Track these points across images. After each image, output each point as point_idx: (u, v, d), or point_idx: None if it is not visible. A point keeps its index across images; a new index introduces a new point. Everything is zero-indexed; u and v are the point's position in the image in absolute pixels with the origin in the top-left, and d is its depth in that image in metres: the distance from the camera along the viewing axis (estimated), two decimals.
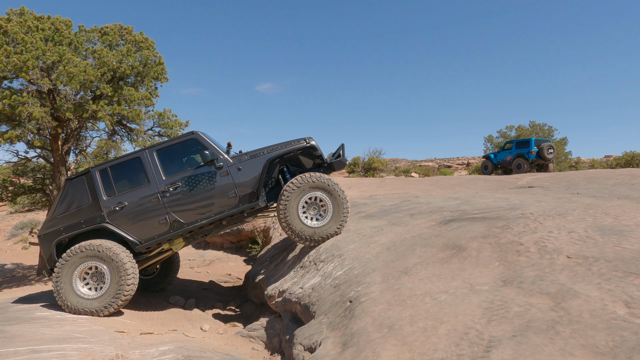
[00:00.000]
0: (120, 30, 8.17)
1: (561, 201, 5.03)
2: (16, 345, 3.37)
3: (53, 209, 5.03)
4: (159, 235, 5.03)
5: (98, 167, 5.10)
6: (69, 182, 5.08)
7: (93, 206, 4.96)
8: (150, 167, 5.05)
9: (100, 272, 4.78)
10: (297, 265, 5.33)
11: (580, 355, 1.93)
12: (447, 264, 3.44)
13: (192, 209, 5.01)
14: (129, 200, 4.97)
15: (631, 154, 24.51)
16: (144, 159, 5.08)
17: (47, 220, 5.01)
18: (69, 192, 5.03)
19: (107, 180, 5.05)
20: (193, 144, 5.19)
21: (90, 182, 5.02)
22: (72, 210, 4.97)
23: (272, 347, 4.54)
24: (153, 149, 5.13)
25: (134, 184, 5.06)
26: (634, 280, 2.43)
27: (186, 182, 5.02)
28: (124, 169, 5.13)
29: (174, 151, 5.23)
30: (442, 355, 2.24)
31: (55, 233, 4.92)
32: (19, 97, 6.63)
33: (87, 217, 4.94)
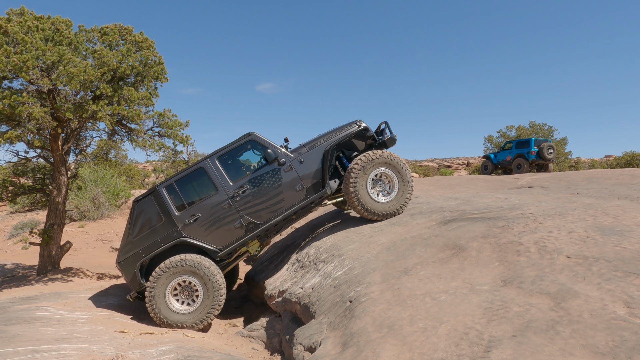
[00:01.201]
0: (120, 30, 8.16)
1: (561, 201, 5.03)
2: (16, 345, 3.37)
3: (127, 234, 5.05)
4: (236, 239, 5.10)
5: (163, 184, 5.12)
6: (136, 204, 5.09)
7: (167, 223, 4.99)
8: (216, 175, 5.09)
9: (189, 285, 4.87)
10: (297, 265, 5.33)
11: (580, 355, 1.93)
12: (447, 264, 3.44)
13: (264, 208, 5.09)
14: (201, 211, 5.02)
15: (631, 154, 24.51)
16: (208, 168, 5.11)
17: (123, 245, 5.02)
18: (139, 214, 5.06)
19: (175, 195, 5.09)
20: (251, 144, 5.27)
21: (159, 200, 5.05)
22: (146, 232, 5.00)
23: (272, 347, 4.54)
24: (214, 157, 5.16)
25: (203, 194, 5.12)
26: (634, 280, 2.43)
27: (253, 184, 5.09)
28: (189, 181, 5.18)
29: (233, 155, 5.31)
30: (442, 355, 2.24)
31: (136, 256, 4.95)
32: (19, 97, 6.62)
33: (164, 235, 4.97)
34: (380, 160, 5.18)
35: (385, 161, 5.22)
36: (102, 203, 14.62)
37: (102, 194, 14.65)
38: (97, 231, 14.47)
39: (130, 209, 5.18)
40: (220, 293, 4.90)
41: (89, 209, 14.31)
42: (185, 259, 4.81)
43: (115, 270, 9.92)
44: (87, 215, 14.43)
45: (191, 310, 4.81)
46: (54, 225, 8.52)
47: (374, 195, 5.21)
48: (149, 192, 5.14)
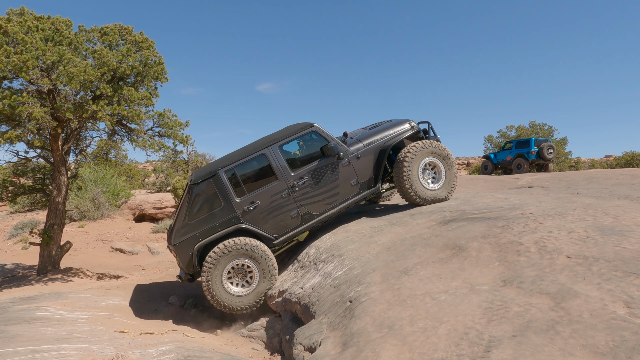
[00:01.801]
0: (120, 30, 8.16)
1: (561, 201, 5.03)
2: (16, 345, 3.37)
3: (182, 215, 4.96)
4: (292, 229, 5.17)
5: (223, 168, 5.02)
6: (194, 187, 4.97)
7: (226, 209, 4.95)
8: (277, 163, 5.09)
9: (242, 268, 4.92)
10: (297, 265, 5.33)
11: (580, 355, 1.93)
12: (447, 264, 3.44)
13: (320, 200, 5.17)
14: (260, 198, 5.01)
15: (631, 154, 24.52)
16: (270, 155, 5.08)
17: (179, 227, 4.95)
18: (197, 197, 4.97)
19: (235, 180, 5.05)
20: (311, 135, 5.32)
21: (219, 185, 4.96)
22: (204, 215, 4.95)
23: (272, 347, 4.54)
24: (276, 144, 5.13)
25: (263, 182, 5.09)
26: (634, 280, 2.43)
27: (312, 175, 5.14)
28: (250, 166, 5.17)
29: (294, 144, 5.40)
30: (442, 355, 2.24)
31: (193, 239, 4.90)
32: (19, 97, 6.62)
33: (222, 220, 4.94)
34: (429, 150, 5.39)
35: (433, 150, 5.43)
36: (102, 203, 14.62)
37: (102, 194, 14.65)
38: (97, 231, 14.47)
39: (186, 190, 5.09)
40: (275, 275, 4.99)
41: (89, 209, 14.32)
42: (240, 242, 4.84)
43: (115, 271, 9.92)
44: (87, 215, 14.44)
45: (247, 292, 4.90)
46: (54, 225, 8.52)
47: (424, 182, 5.40)
48: (208, 175, 4.99)
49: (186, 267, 4.98)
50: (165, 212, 16.21)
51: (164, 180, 20.56)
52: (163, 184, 19.91)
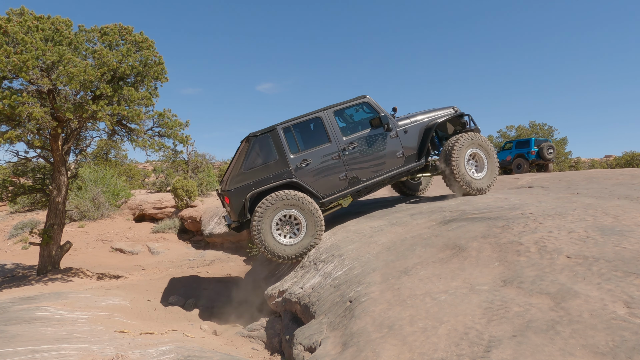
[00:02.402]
0: (120, 30, 8.16)
1: (561, 201, 5.03)
2: (16, 345, 3.37)
3: (238, 165, 5.21)
4: (339, 190, 5.41)
5: (282, 124, 5.28)
6: (254, 139, 5.23)
7: (280, 163, 5.20)
8: (331, 127, 5.38)
9: (289, 219, 5.10)
10: (297, 265, 5.33)
11: (580, 355, 1.93)
12: (447, 264, 3.44)
13: (367, 167, 5.44)
14: (312, 157, 5.28)
15: (631, 154, 24.51)
16: (324, 118, 5.38)
17: (235, 175, 5.18)
18: (254, 148, 5.22)
19: (291, 138, 5.30)
20: (363, 106, 5.63)
21: (277, 140, 5.22)
22: (259, 167, 5.18)
23: (272, 347, 4.54)
24: (331, 110, 5.43)
25: (316, 143, 5.36)
26: (634, 280, 2.43)
27: (362, 142, 5.44)
28: (305, 127, 5.44)
29: (346, 112, 5.68)
30: (442, 355, 2.24)
31: (246, 188, 5.11)
32: (19, 97, 6.62)
33: (275, 172, 5.17)
34: (475, 141, 5.70)
35: (478, 142, 5.74)
36: (102, 203, 14.62)
37: (102, 194, 14.65)
38: (97, 231, 14.47)
39: (245, 142, 5.32)
40: (321, 228, 5.15)
41: (89, 209, 14.31)
42: (290, 193, 5.02)
43: (115, 271, 9.92)
44: (87, 215, 14.44)
45: (295, 242, 5.08)
46: (54, 225, 8.52)
47: (470, 172, 5.68)
48: (268, 129, 5.25)
49: (237, 214, 5.13)
50: (165, 212, 16.21)
51: (164, 180, 20.55)
52: (163, 184, 19.90)
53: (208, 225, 13.02)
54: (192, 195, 15.32)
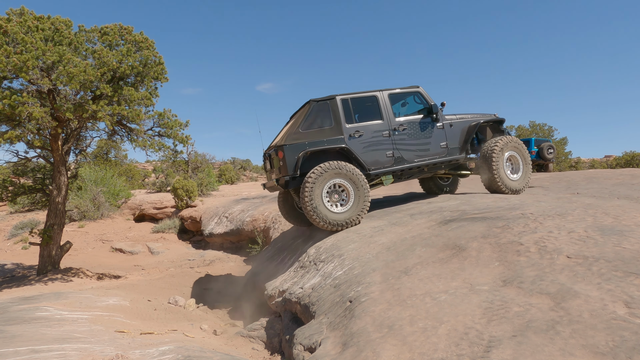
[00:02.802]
0: (120, 30, 8.16)
1: (561, 201, 5.03)
2: (16, 345, 3.37)
3: (296, 125, 5.48)
4: (384, 166, 5.73)
5: (341, 95, 5.63)
6: (315, 103, 5.57)
7: (335, 130, 5.50)
8: (385, 107, 5.77)
9: (337, 189, 5.32)
10: (297, 265, 5.33)
11: (580, 355, 1.93)
12: (447, 264, 3.44)
13: (413, 150, 5.82)
14: (365, 130, 5.60)
15: (631, 154, 24.51)
16: (379, 98, 5.79)
17: (292, 133, 5.42)
18: (313, 112, 5.55)
19: (348, 109, 5.63)
20: (415, 95, 6.06)
21: (335, 108, 5.57)
22: (315, 129, 5.48)
23: (272, 347, 4.54)
24: (386, 92, 5.85)
25: (369, 118, 5.71)
26: (634, 280, 2.43)
27: (411, 126, 5.84)
28: (362, 102, 5.76)
29: (399, 97, 6.06)
30: (442, 355, 2.24)
31: (301, 146, 5.34)
32: (19, 97, 6.62)
33: (329, 137, 5.46)
34: (513, 145, 6.13)
35: (516, 146, 6.17)
36: (102, 203, 14.62)
37: (102, 194, 14.65)
38: (97, 231, 14.48)
39: (306, 106, 5.70)
40: (368, 199, 5.39)
41: (89, 209, 14.32)
42: (341, 164, 5.26)
43: (115, 271, 9.92)
44: (87, 215, 14.44)
45: (344, 211, 5.30)
46: (54, 225, 8.52)
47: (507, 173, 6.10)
48: (328, 98, 5.60)
49: (289, 168, 5.33)
50: (165, 212, 16.21)
51: (164, 180, 20.55)
52: (163, 184, 19.90)
53: (208, 225, 13.02)
54: (192, 195, 15.33)
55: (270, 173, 5.95)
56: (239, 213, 12.01)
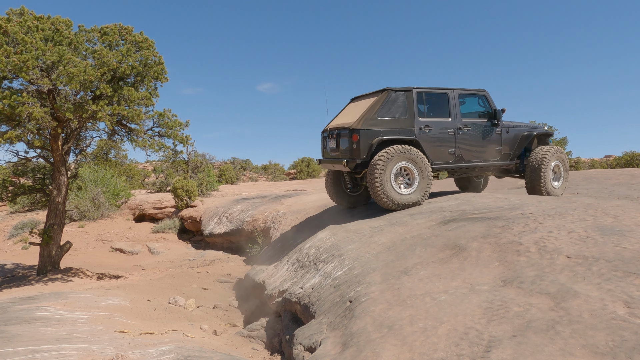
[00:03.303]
0: (120, 31, 8.16)
1: (561, 201, 5.03)
2: (16, 345, 3.37)
3: (373, 110, 5.67)
4: (444, 162, 6.05)
5: (417, 88, 5.89)
6: (392, 93, 5.79)
7: (408, 121, 5.78)
8: (454, 106, 6.05)
9: (402, 172, 5.63)
10: (297, 265, 5.33)
11: (580, 355, 1.93)
12: (447, 264, 3.44)
13: (471, 150, 6.16)
14: (433, 125, 5.91)
15: (631, 154, 24.49)
16: (450, 97, 6.04)
17: (368, 118, 5.64)
18: (390, 101, 5.77)
19: (421, 102, 5.94)
20: (480, 98, 6.35)
21: (410, 100, 5.81)
22: (390, 118, 5.72)
23: (272, 347, 4.54)
24: (457, 91, 6.10)
25: (438, 114, 6.01)
26: (634, 280, 2.43)
27: (474, 127, 6.17)
28: (433, 97, 6.04)
29: (466, 98, 6.31)
30: (442, 355, 2.24)
31: (375, 133, 5.61)
32: (19, 97, 6.61)
33: (402, 128, 5.75)
34: (559, 155, 6.53)
35: (561, 156, 6.57)
36: (102, 203, 14.62)
37: (102, 194, 14.65)
38: (97, 231, 14.47)
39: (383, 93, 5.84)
40: (430, 184, 5.73)
41: (89, 209, 14.31)
42: (410, 148, 5.57)
43: (115, 271, 9.92)
44: (87, 215, 14.43)
45: (408, 193, 5.62)
46: (54, 225, 8.52)
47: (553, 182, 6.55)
48: (405, 89, 5.83)
49: (362, 152, 5.56)
50: (165, 212, 16.20)
51: (164, 180, 20.54)
52: (163, 184, 19.89)
53: (208, 225, 13.02)
54: (192, 195, 15.32)
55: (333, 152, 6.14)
56: (239, 213, 12.01)
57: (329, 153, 6.29)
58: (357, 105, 6.21)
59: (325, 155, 6.44)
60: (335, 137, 6.00)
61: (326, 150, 6.39)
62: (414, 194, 5.63)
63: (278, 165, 35.06)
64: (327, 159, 6.25)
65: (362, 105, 6.00)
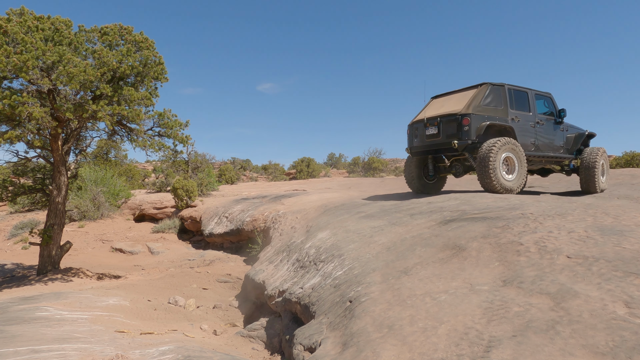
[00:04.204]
0: (120, 31, 8.16)
1: (561, 201, 5.03)
2: (16, 345, 3.37)
3: (479, 99, 6.57)
4: (527, 150, 6.94)
5: (508, 85, 6.96)
6: (491, 86, 6.77)
7: (504, 111, 6.77)
8: (532, 102, 7.17)
9: (505, 161, 6.39)
10: (297, 265, 5.33)
11: (580, 355, 1.93)
12: (447, 264, 3.44)
13: (544, 142, 7.23)
14: (521, 117, 6.94)
15: (631, 154, 24.48)
16: (530, 95, 7.15)
17: (475, 105, 6.53)
18: (490, 93, 6.71)
19: (511, 97, 6.92)
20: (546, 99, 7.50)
21: (504, 93, 6.84)
22: (491, 107, 6.66)
23: (272, 347, 4.54)
24: (532, 91, 7.25)
25: (522, 109, 7.06)
26: (634, 280, 2.43)
27: (546, 123, 7.28)
28: (518, 94, 7.07)
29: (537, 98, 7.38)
30: (442, 355, 2.24)
31: (482, 118, 6.50)
32: (19, 97, 6.61)
33: (500, 117, 6.69)
34: (604, 155, 7.60)
35: (605, 156, 7.62)
36: (102, 203, 14.61)
37: (102, 194, 14.64)
38: (97, 231, 14.48)
39: (483, 86, 6.77)
40: (526, 173, 6.55)
41: (89, 209, 14.31)
42: (513, 141, 6.46)
43: (115, 271, 9.92)
44: (87, 215, 14.43)
45: (511, 179, 6.41)
46: (54, 225, 8.53)
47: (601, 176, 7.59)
48: (500, 84, 6.86)
49: (472, 134, 6.39)
50: (165, 212, 16.20)
51: (164, 180, 20.53)
52: (163, 184, 19.89)
53: (208, 225, 13.02)
54: (192, 195, 15.33)
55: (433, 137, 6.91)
56: (239, 213, 12.01)
57: (424, 140, 7.05)
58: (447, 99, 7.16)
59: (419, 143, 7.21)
60: (437, 124, 6.80)
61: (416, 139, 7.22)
62: (514, 181, 6.43)
63: (278, 165, 35.10)
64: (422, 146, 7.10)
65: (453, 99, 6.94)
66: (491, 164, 6.11)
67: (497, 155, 6.15)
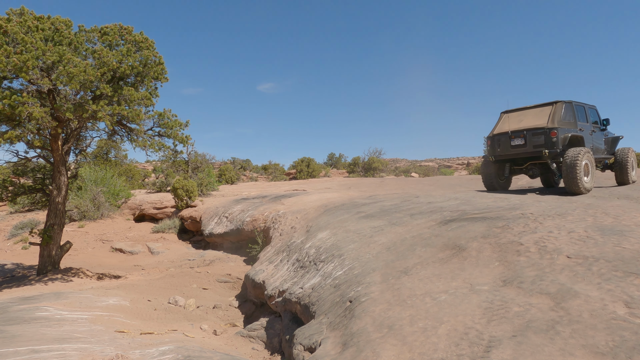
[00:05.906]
0: (120, 30, 8.16)
1: (561, 201, 5.03)
2: (16, 345, 3.37)
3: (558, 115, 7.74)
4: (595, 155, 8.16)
5: (574, 102, 8.18)
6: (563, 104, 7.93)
7: (573, 124, 7.98)
8: (588, 114, 8.51)
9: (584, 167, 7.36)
10: (297, 265, 5.33)
11: (580, 355, 1.93)
12: (447, 264, 3.44)
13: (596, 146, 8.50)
14: (583, 127, 8.15)
15: None
16: (585, 108, 8.51)
17: (557, 120, 7.68)
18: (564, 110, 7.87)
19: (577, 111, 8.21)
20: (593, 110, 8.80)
21: (571, 109, 8.08)
22: (566, 120, 7.86)
23: (272, 347, 4.54)
24: (587, 106, 8.56)
25: (583, 120, 8.30)
26: (634, 280, 2.43)
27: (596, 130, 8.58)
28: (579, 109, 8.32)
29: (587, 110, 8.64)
30: (442, 355, 2.24)
31: (564, 131, 7.66)
32: (19, 97, 6.62)
33: (573, 128, 7.89)
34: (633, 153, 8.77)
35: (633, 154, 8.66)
36: (102, 203, 14.62)
37: (102, 194, 14.65)
38: (97, 231, 14.48)
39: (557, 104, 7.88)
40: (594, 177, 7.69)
41: (89, 209, 14.32)
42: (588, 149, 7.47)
43: (115, 271, 9.92)
44: (87, 215, 14.44)
45: (588, 181, 7.43)
46: (54, 225, 8.53)
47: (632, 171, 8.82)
48: (567, 101, 8.01)
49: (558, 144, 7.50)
50: (165, 212, 16.20)
51: (164, 180, 20.54)
52: (163, 184, 19.89)
53: (208, 225, 13.02)
54: (192, 195, 15.32)
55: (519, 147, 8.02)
56: (239, 213, 12.01)
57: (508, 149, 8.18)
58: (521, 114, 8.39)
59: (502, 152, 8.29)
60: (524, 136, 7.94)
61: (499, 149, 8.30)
62: (589, 183, 7.48)
63: (278, 165, 35.10)
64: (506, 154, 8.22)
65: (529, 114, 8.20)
66: (578, 170, 7.11)
67: (582, 162, 7.21)
